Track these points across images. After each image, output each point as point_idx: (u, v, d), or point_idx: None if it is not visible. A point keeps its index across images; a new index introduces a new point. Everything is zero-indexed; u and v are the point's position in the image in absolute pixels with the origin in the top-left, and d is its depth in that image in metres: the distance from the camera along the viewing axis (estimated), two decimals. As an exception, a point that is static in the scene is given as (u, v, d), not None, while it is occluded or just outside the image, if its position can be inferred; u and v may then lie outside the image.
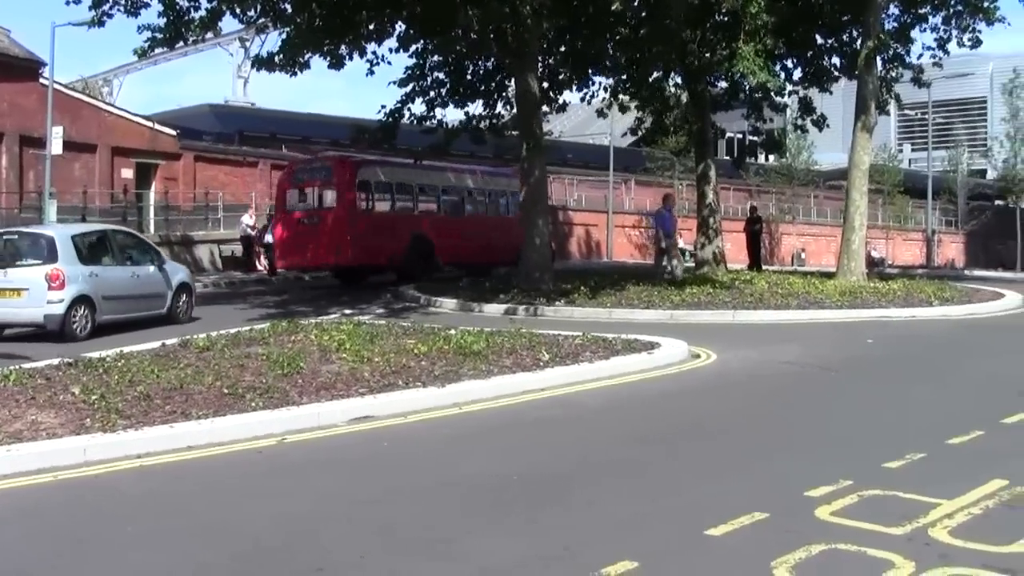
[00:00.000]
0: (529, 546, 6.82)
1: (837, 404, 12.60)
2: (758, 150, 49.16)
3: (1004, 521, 7.22)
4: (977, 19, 32.07)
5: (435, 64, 30.74)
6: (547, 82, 31.67)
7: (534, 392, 12.76)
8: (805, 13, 32.77)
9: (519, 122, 28.01)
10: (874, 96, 30.84)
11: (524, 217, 27.46)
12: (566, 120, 77.17)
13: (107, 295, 20.03)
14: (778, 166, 70.95)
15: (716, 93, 35.61)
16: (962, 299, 26.35)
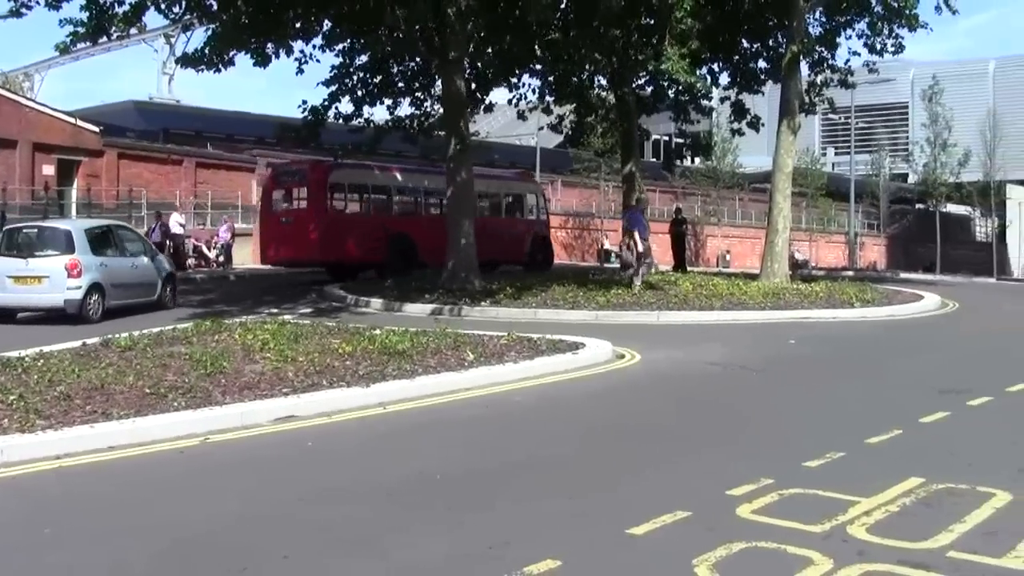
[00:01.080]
0: (453, 545, 6.84)
1: (759, 404, 12.75)
2: (684, 152, 49.31)
3: (920, 518, 7.36)
4: (899, 25, 32.49)
5: (362, 63, 30.67)
6: (474, 82, 31.70)
7: (459, 392, 12.79)
8: (731, 18, 33.09)
9: (445, 122, 28.02)
10: (798, 100, 31.19)
11: (450, 217, 27.45)
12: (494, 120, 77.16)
13: (114, 283, 22.32)
14: (704, 168, 71.50)
15: (642, 96, 35.81)
16: (883, 301, 26.76)
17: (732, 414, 12.01)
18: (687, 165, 70.98)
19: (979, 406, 12.25)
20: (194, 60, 25.82)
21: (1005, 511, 7.55)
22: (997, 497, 7.85)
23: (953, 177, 70.16)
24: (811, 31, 33.93)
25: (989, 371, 15.76)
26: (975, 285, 47.20)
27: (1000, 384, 13.74)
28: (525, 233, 38.84)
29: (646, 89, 35.71)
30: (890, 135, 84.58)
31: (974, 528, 7.12)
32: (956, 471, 8.68)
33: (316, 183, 33.59)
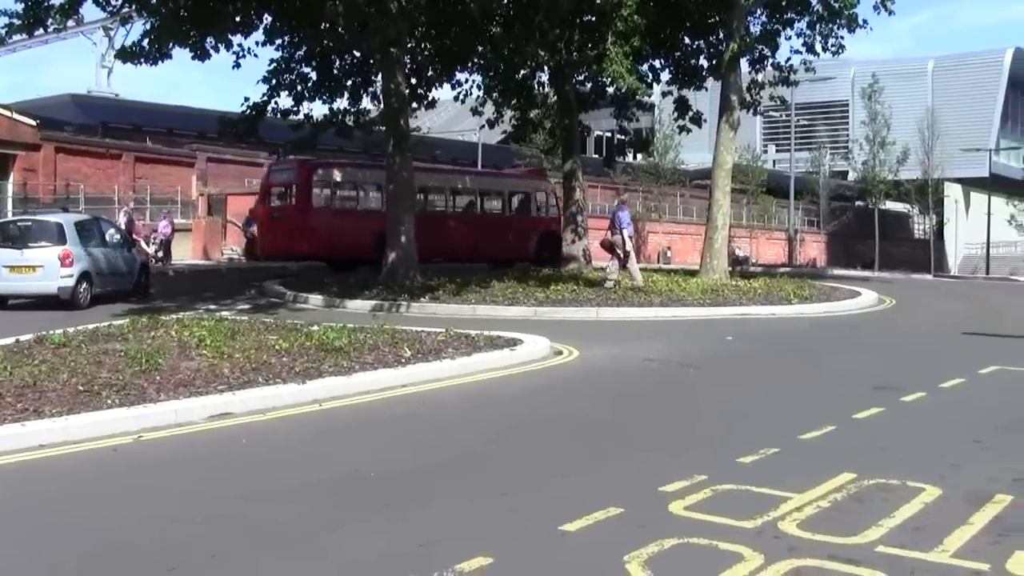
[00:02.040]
0: (386, 543, 6.81)
1: (695, 400, 12.80)
2: (627, 149, 49.53)
3: (851, 513, 7.40)
4: (839, 25, 32.75)
5: (301, 58, 30.50)
6: (415, 78, 31.61)
7: (395, 389, 12.74)
8: (673, 15, 33.21)
9: (386, 118, 27.91)
10: (738, 97, 31.36)
11: (390, 214, 27.37)
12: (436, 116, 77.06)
13: (99, 272, 24.30)
14: (646, 164, 71.70)
15: (583, 92, 35.87)
16: (820, 297, 27.00)
17: (668, 411, 12.06)
18: (629, 161, 71.27)
19: (912, 402, 12.38)
20: (132, 54, 25.59)
21: (934, 506, 7.62)
22: (927, 492, 7.93)
23: (892, 175, 70.74)
24: (752, 29, 34.20)
25: (923, 367, 15.97)
26: (912, 282, 47.67)
27: (934, 380, 13.91)
28: (531, 231, 39.27)
29: (587, 85, 35.78)
30: (831, 133, 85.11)
31: (904, 523, 7.18)
32: (888, 466, 8.76)
33: (302, 180, 35.07)
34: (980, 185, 76.93)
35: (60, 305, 22.67)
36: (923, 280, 52.02)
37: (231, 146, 49.45)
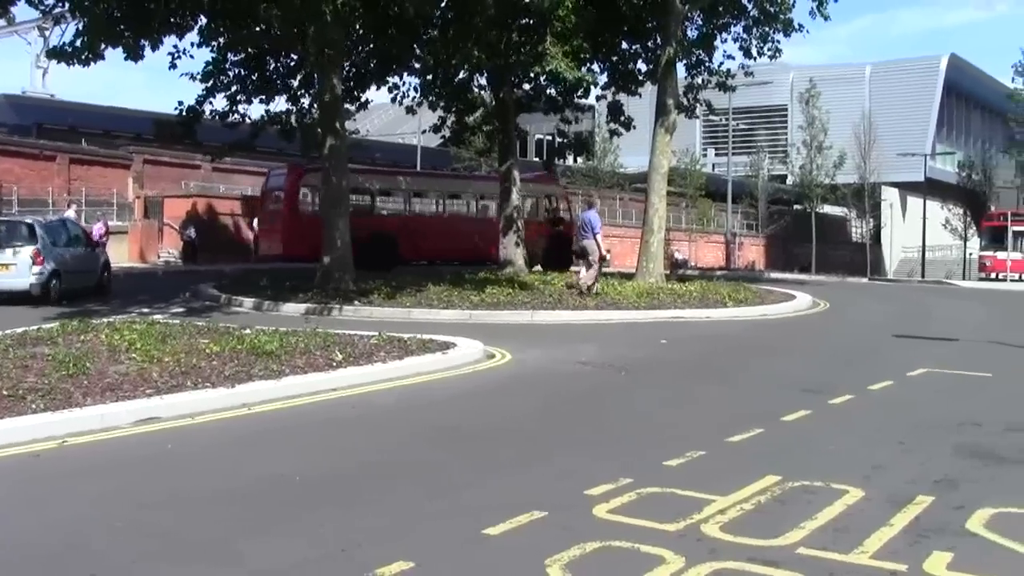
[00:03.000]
0: (307, 547, 6.75)
1: (625, 403, 12.84)
2: (566, 152, 49.60)
3: (774, 516, 7.45)
4: (775, 29, 32.96)
5: (237, 59, 30.31)
6: (351, 80, 31.49)
7: (325, 392, 12.67)
8: (611, 18, 33.27)
9: (322, 120, 27.78)
10: (674, 101, 31.49)
11: (325, 217, 27.28)
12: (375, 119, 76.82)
13: (66, 270, 25.75)
14: (585, 168, 71.86)
15: (521, 95, 35.89)
16: (755, 300, 27.16)
17: (597, 414, 12.07)
18: (568, 165, 71.36)
19: (840, 404, 12.50)
20: (63, 54, 25.27)
21: (856, 507, 7.69)
22: (850, 494, 8.00)
23: (829, 179, 71.27)
24: (689, 34, 34.39)
25: (852, 370, 16.12)
26: (847, 285, 48.04)
27: (862, 382, 14.06)
28: (540, 235, 40.03)
29: (524, 88, 35.80)
30: (770, 137, 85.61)
31: (825, 524, 7.24)
32: (813, 469, 8.83)
33: (290, 185, 37.16)
34: (916, 190, 77.69)
35: (32, 301, 23.93)
36: (859, 283, 52.42)
37: (168, 148, 49.06)
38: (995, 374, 15.66)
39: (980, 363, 16.76)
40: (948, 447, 10.01)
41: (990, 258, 59.29)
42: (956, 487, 8.38)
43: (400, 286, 25.47)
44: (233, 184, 53.34)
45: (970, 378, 15.24)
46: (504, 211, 34.75)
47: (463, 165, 60.18)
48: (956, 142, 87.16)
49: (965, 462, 9.37)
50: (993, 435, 10.70)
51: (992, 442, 10.30)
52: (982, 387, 14.53)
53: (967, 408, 12.43)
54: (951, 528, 7.19)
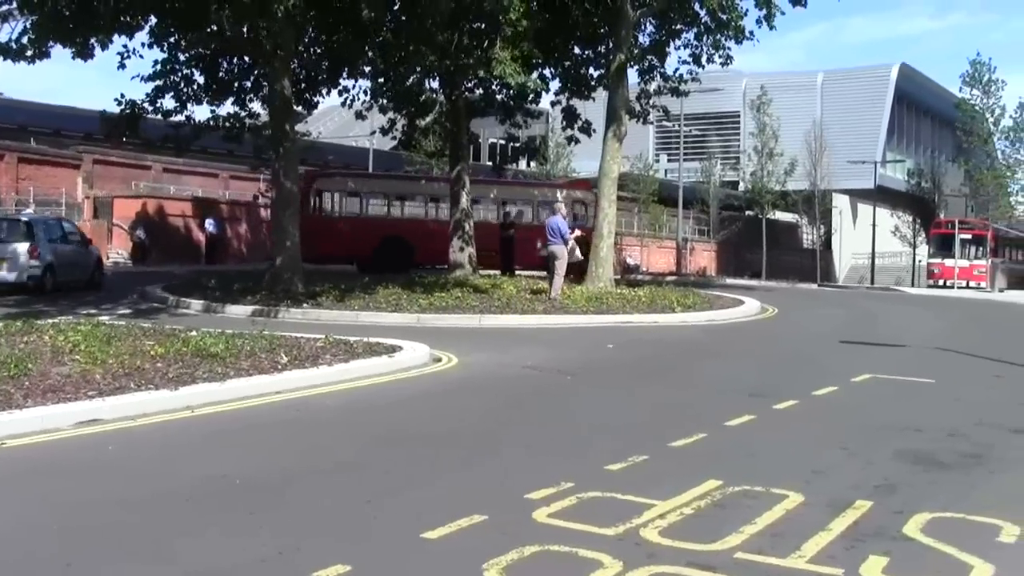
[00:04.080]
0: (244, 550, 6.70)
1: (570, 407, 12.85)
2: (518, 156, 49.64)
3: (713, 520, 7.46)
4: (727, 37, 33.08)
5: (187, 60, 30.09)
6: (302, 83, 31.38)
7: (270, 395, 12.60)
8: (563, 24, 33.34)
9: (272, 123, 27.67)
10: (625, 107, 31.58)
11: (274, 220, 27.19)
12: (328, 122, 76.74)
13: (60, 264, 28.49)
14: (537, 173, 71.91)
15: (473, 99, 35.89)
16: (703, 306, 27.27)
17: (542, 418, 12.07)
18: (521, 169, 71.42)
19: (784, 409, 12.55)
20: (9, 51, 25.03)
21: (795, 512, 7.72)
22: (790, 499, 8.03)
23: (780, 186, 71.74)
24: (641, 40, 34.49)
25: (798, 375, 16.22)
26: (797, 291, 48.36)
27: (807, 388, 14.14)
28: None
29: (476, 92, 35.81)
30: (722, 143, 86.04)
31: (764, 529, 7.26)
32: (754, 474, 8.86)
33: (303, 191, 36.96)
34: (866, 197, 78.39)
35: (28, 291, 26.79)
36: (808, 289, 52.75)
37: (118, 148, 48.71)
38: (939, 380, 15.78)
39: (924, 369, 16.88)
40: (889, 452, 10.07)
41: (938, 265, 59.87)
42: (895, 492, 8.44)
43: (349, 289, 25.41)
44: (184, 185, 53.07)
45: (914, 384, 15.34)
46: (453, 214, 34.74)
47: (414, 169, 60.06)
48: (906, 150, 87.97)
49: (905, 467, 9.44)
50: (934, 441, 10.78)
51: (932, 448, 10.39)
52: (925, 393, 14.64)
53: (909, 414, 12.51)
54: (888, 533, 7.24)
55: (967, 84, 74.79)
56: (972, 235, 59.68)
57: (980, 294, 51.63)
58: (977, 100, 74.87)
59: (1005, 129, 74.46)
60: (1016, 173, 76.02)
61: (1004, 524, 7.52)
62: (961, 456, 10.02)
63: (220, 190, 54.48)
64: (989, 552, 6.87)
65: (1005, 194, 76.29)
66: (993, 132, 74.79)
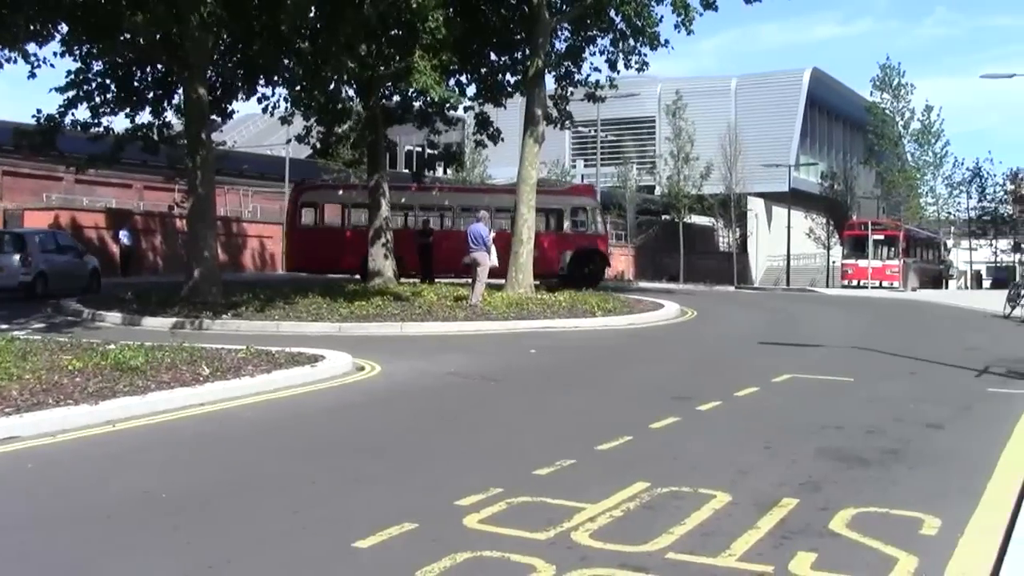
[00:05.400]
0: (174, 565, 6.61)
1: (495, 413, 12.86)
2: (436, 163, 49.61)
3: (643, 521, 7.50)
4: (642, 43, 33.29)
5: (100, 69, 29.68)
6: (218, 91, 31.09)
7: (192, 408, 12.45)
8: (480, 31, 33.36)
9: (187, 131, 27.41)
10: (543, 112, 31.67)
11: (191, 230, 26.94)
12: (244, 130, 76.13)
13: (53, 273, 31.40)
14: (455, 180, 71.85)
15: (390, 106, 35.81)
16: (624, 310, 27.40)
17: (467, 424, 12.07)
18: (438, 176, 71.34)
19: (708, 411, 12.66)
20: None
21: (723, 512, 7.79)
22: (717, 499, 8.10)
23: (696, 189, 72.23)
24: (557, 46, 34.68)
25: (719, 377, 16.33)
26: (715, 294, 48.73)
27: (729, 389, 14.26)
28: (560, 246, 41.38)
29: (393, 99, 35.75)
30: (638, 148, 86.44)
31: (693, 529, 7.31)
32: (681, 475, 8.94)
33: (291, 202, 41.43)
34: (781, 199, 79.12)
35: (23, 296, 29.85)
36: (726, 292, 53.19)
37: (29, 159, 47.92)
38: (857, 379, 15.99)
39: (842, 368, 17.11)
40: (812, 450, 10.19)
41: (852, 266, 60.63)
42: (820, 489, 8.54)
43: (270, 299, 25.24)
44: (97, 197, 52.30)
45: (833, 383, 15.53)
46: (373, 222, 34.61)
47: (331, 177, 59.73)
48: (819, 153, 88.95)
49: (828, 464, 9.54)
50: (854, 438, 10.93)
51: (853, 444, 10.53)
52: (844, 391, 14.82)
53: (830, 412, 12.68)
54: (815, 529, 7.33)
55: (877, 88, 75.90)
56: (884, 236, 60.48)
57: (893, 294, 52.33)
58: (887, 104, 76.02)
59: (914, 132, 75.69)
60: (926, 175, 77.18)
61: (926, 517, 7.65)
62: (881, 452, 10.16)
63: (135, 201, 53.80)
64: (913, 545, 6.99)
65: (915, 195, 77.46)
66: (903, 135, 75.93)
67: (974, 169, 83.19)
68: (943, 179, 79.82)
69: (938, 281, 70.95)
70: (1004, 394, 14.54)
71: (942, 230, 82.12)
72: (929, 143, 75.38)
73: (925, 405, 13.37)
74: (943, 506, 7.98)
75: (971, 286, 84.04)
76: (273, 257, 55.98)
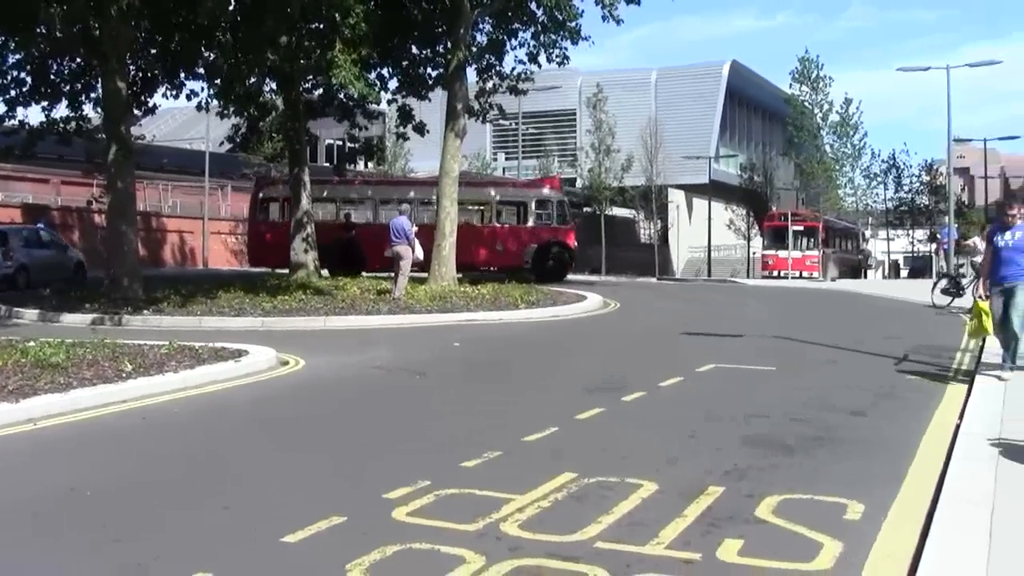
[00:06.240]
0: (101, 563, 6.56)
1: (421, 406, 12.85)
2: (357, 157, 49.44)
3: (571, 511, 7.55)
4: (563, 36, 33.38)
5: (16, 61, 29.23)
6: (138, 84, 30.74)
7: (116, 404, 12.33)
8: (401, 24, 33.27)
9: (105, 125, 27.09)
10: (464, 105, 31.67)
11: (110, 225, 26.64)
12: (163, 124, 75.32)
13: (35, 266, 32.84)
14: (376, 173, 71.66)
15: (311, 100, 35.64)
16: (547, 302, 27.46)
17: (393, 417, 12.05)
18: (360, 170, 71.12)
19: (632, 401, 12.74)
20: None
21: (651, 500, 7.85)
22: (644, 488, 8.17)
23: (617, 182, 72.47)
24: (479, 39, 34.69)
25: (643, 367, 16.45)
26: (637, 285, 48.94)
27: (653, 379, 14.34)
28: (523, 240, 41.75)
29: (314, 93, 35.59)
30: (559, 141, 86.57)
31: (621, 518, 7.37)
32: (607, 465, 8.99)
33: (252, 197, 41.62)
34: (701, 191, 79.71)
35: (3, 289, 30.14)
36: (648, 283, 53.48)
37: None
38: (779, 367, 16.17)
39: (765, 357, 17.27)
40: (737, 439, 10.29)
41: (772, 256, 61.23)
42: (745, 477, 8.64)
43: (191, 294, 25.03)
44: (12, 192, 51.49)
45: (756, 372, 15.69)
46: (295, 215, 34.46)
47: (251, 171, 59.33)
48: (739, 145, 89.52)
49: (753, 452, 9.65)
50: (778, 426, 11.06)
51: (777, 432, 10.66)
52: (767, 380, 14.97)
53: (754, 401, 12.81)
54: (741, 516, 7.42)
55: (796, 81, 76.30)
56: (804, 227, 61.13)
57: (813, 284, 52.83)
58: (806, 96, 76.59)
59: (833, 124, 76.26)
60: (844, 166, 77.97)
61: (849, 502, 7.77)
62: (805, 439, 10.28)
63: (51, 196, 53.03)
64: (837, 530, 7.09)
65: (834, 187, 78.12)
66: (821, 127, 76.54)
67: (890, 160, 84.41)
68: (861, 170, 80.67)
69: (857, 271, 71.85)
70: (923, 381, 14.75)
71: (860, 221, 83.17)
72: (847, 135, 75.91)
73: (846, 392, 13.53)
74: (867, 491, 8.10)
75: (889, 275, 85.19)
76: (194, 252, 55.46)
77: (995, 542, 6.44)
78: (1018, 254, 13.85)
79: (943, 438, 10.22)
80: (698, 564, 6.44)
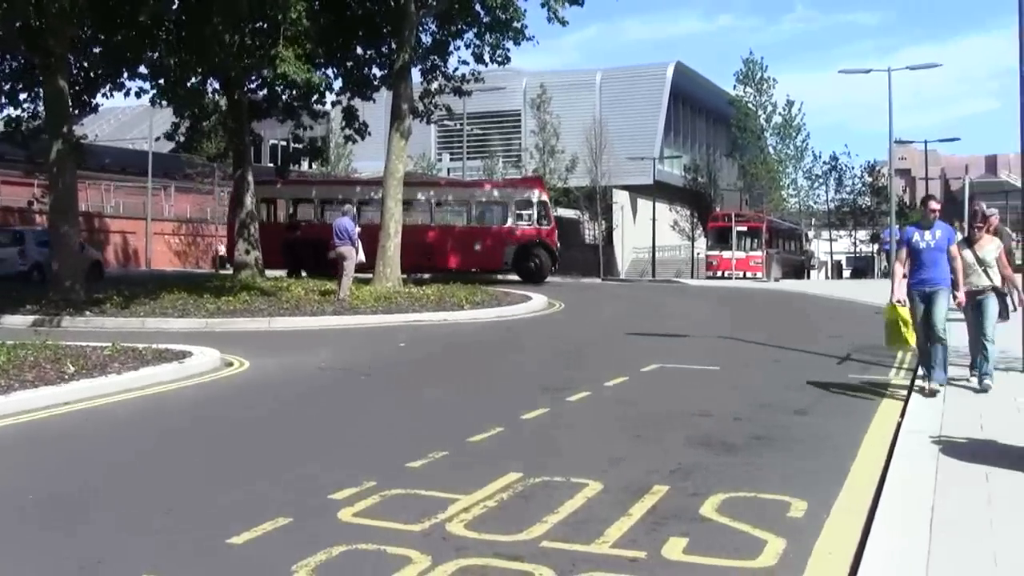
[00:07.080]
0: (44, 567, 6.50)
1: (366, 407, 12.84)
2: (300, 157, 49.34)
3: (516, 511, 7.57)
4: (506, 36, 33.41)
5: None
6: (80, 83, 30.49)
7: (58, 407, 12.23)
8: (346, 24, 33.23)
9: (48, 124, 26.85)
10: (409, 106, 31.64)
11: (52, 225, 26.41)
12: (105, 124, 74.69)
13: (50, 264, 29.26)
14: (319, 174, 71.40)
15: (255, 100, 35.49)
16: (492, 302, 27.48)
17: (338, 418, 12.05)
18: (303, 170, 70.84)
19: (577, 401, 12.78)
20: None
21: (596, 500, 7.89)
22: (589, 487, 8.20)
23: (562, 182, 72.59)
24: (424, 39, 34.65)
25: (589, 367, 16.52)
26: (582, 286, 48.96)
27: (599, 379, 14.40)
28: (503, 240, 41.36)
29: (258, 93, 35.45)
30: (504, 141, 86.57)
31: (567, 518, 7.40)
32: (553, 464, 9.02)
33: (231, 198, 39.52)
34: (646, 192, 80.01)
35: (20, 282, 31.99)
36: (592, 284, 53.49)
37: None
38: (723, 367, 16.27)
39: (709, 357, 17.37)
40: (681, 438, 10.35)
41: (716, 257, 61.40)
42: (690, 476, 8.69)
43: (133, 295, 24.85)
44: (-50, 192, 50.95)
45: (700, 372, 15.78)
46: (238, 215, 34.30)
47: (195, 171, 59.02)
48: (683, 146, 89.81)
49: (698, 451, 9.71)
50: (722, 425, 11.13)
51: (722, 431, 10.73)
52: (711, 380, 15.06)
53: (698, 400, 12.86)
54: (686, 515, 7.47)
55: (740, 82, 76.84)
56: (748, 227, 61.36)
57: (757, 284, 53.12)
58: (750, 98, 77.08)
59: (776, 125, 76.84)
60: (787, 167, 78.50)
61: (793, 500, 7.85)
62: (749, 438, 10.36)
63: (-9, 196, 52.49)
64: (781, 527, 7.17)
65: (777, 188, 78.68)
66: (765, 128, 77.04)
67: (832, 162, 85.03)
68: (804, 172, 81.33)
69: (800, 271, 72.25)
70: (866, 380, 14.88)
71: (803, 221, 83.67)
72: (790, 136, 76.59)
73: (790, 392, 13.65)
74: (810, 489, 8.19)
75: (832, 276, 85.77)
76: (136, 253, 55.03)
77: (935, 537, 6.52)
78: (941, 255, 12.81)
79: (885, 436, 10.33)
80: (644, 562, 6.48)
